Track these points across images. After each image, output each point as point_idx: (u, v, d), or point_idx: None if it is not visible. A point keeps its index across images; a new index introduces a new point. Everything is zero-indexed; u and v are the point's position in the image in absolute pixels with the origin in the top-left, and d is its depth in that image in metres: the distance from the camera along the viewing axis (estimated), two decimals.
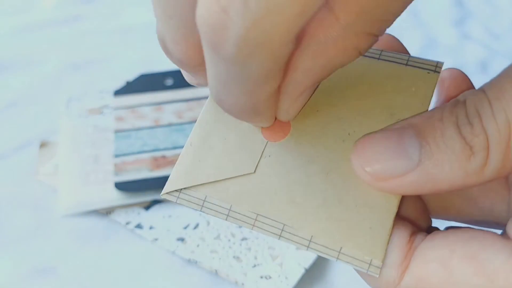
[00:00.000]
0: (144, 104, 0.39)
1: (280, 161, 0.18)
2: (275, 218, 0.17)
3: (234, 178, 0.18)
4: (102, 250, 0.30)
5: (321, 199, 0.17)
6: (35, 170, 0.35)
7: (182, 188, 0.19)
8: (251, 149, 0.18)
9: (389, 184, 0.16)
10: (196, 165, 0.19)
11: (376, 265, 0.16)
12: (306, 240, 0.17)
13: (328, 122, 0.18)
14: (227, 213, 0.17)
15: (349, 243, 0.16)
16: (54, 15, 0.53)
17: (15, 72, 0.45)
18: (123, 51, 0.48)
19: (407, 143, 0.16)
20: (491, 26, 0.53)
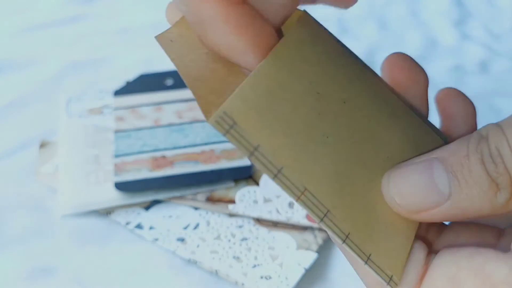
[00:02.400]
0: (144, 104, 0.39)
1: (336, 149, 0.17)
2: (321, 201, 0.17)
3: (292, 141, 0.17)
4: (102, 250, 0.30)
5: (363, 203, 0.17)
6: (35, 170, 0.35)
7: (236, 123, 0.16)
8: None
9: (420, 216, 0.17)
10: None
11: (395, 281, 0.17)
12: (344, 234, 0.17)
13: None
14: (276, 173, 0.16)
15: (377, 252, 0.17)
16: (54, 15, 0.53)
17: (15, 72, 0.45)
18: (123, 51, 0.48)
19: (436, 177, 0.17)
20: (491, 26, 0.53)
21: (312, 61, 0.18)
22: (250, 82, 0.17)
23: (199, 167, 0.33)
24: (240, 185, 0.33)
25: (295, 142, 0.17)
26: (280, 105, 0.17)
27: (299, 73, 0.18)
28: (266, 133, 0.16)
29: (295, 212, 0.31)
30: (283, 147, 0.16)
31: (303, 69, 0.18)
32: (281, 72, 0.17)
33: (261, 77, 0.17)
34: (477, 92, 0.43)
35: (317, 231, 0.30)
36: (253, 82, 0.17)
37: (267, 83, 0.17)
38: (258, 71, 0.17)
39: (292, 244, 0.29)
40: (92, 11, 0.54)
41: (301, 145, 0.17)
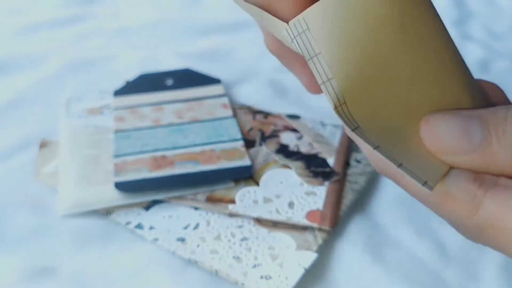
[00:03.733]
0: (144, 104, 0.39)
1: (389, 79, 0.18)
2: (355, 117, 0.18)
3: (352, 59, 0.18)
4: (102, 250, 0.30)
5: (398, 129, 0.19)
6: (35, 170, 0.35)
7: (309, 28, 0.18)
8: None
9: (448, 157, 0.19)
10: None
11: (430, 185, 0.18)
12: (374, 144, 0.18)
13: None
14: (325, 80, 0.18)
15: (410, 164, 0.18)
16: (55, 15, 0.53)
17: (15, 72, 0.45)
18: (123, 51, 0.48)
19: (472, 128, 0.19)
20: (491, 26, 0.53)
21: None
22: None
23: (199, 167, 0.33)
24: (240, 185, 0.33)
25: (354, 61, 0.18)
26: (355, 23, 0.17)
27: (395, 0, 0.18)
28: (331, 44, 0.17)
29: (295, 212, 0.31)
30: (340, 61, 0.17)
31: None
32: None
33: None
34: None
35: (317, 231, 0.30)
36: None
37: (353, 0, 0.18)
38: None
39: (292, 244, 0.29)
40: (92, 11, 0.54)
41: (358, 66, 0.18)
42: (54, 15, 0.53)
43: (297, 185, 0.33)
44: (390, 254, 0.30)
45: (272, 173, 0.34)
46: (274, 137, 0.36)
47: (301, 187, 0.33)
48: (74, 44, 0.49)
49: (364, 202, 0.33)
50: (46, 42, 0.49)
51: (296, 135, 0.36)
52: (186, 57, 0.46)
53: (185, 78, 0.42)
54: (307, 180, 0.33)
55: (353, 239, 0.31)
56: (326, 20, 0.17)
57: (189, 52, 0.47)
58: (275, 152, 0.35)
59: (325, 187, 0.33)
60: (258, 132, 0.37)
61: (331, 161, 0.34)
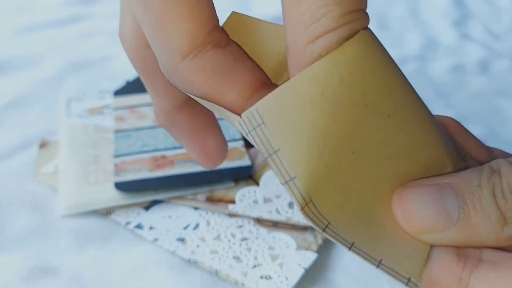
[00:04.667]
0: (144, 104, 0.39)
1: (355, 165, 0.17)
2: (323, 214, 0.17)
3: (314, 153, 0.16)
4: (102, 250, 0.30)
5: (371, 218, 0.17)
6: (35, 170, 0.35)
7: (264, 123, 0.16)
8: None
9: (426, 237, 0.18)
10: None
11: (414, 282, 0.17)
12: (349, 243, 0.17)
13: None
14: (288, 180, 0.17)
15: (389, 258, 0.17)
16: (55, 15, 0.53)
17: (15, 72, 0.45)
18: (123, 51, 0.48)
19: (446, 201, 0.17)
20: (491, 26, 0.53)
21: (370, 70, 0.17)
22: (292, 84, 0.16)
23: (199, 167, 0.33)
24: (240, 185, 0.33)
25: (316, 155, 0.16)
26: (316, 113, 0.16)
27: (353, 82, 0.16)
28: (290, 139, 0.16)
29: (295, 212, 0.31)
30: (303, 157, 0.16)
31: (359, 78, 0.16)
32: (332, 79, 0.16)
33: (305, 81, 0.16)
34: (477, 92, 0.43)
35: (317, 231, 0.30)
36: (295, 85, 0.16)
37: (310, 88, 0.16)
38: (304, 74, 0.16)
39: (292, 244, 0.29)
40: (92, 11, 0.54)
41: (321, 159, 0.16)
42: (54, 15, 0.53)
43: None
44: None
45: (272, 173, 0.34)
46: None
47: None
48: (74, 44, 0.49)
49: None
50: (46, 42, 0.49)
51: None
52: None
53: None
54: None
55: None
56: (282, 112, 0.16)
57: None
58: None
59: None
60: None
61: None
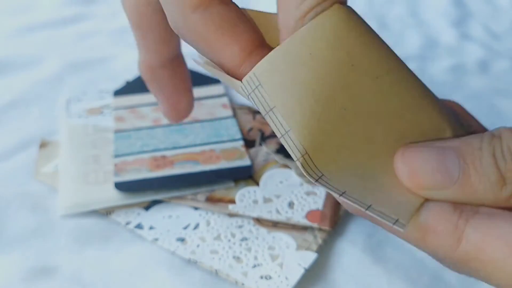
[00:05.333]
0: (144, 104, 0.39)
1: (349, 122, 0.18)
2: (318, 166, 0.18)
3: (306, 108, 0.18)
4: (102, 250, 0.30)
5: (365, 171, 0.18)
6: (35, 170, 0.35)
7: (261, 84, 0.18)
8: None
9: (426, 192, 0.19)
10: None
11: (402, 223, 0.18)
12: (340, 191, 0.18)
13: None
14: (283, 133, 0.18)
15: (379, 204, 0.18)
16: (54, 15, 0.53)
17: (15, 72, 0.45)
18: (123, 51, 0.48)
19: (448, 161, 0.18)
20: (491, 26, 0.53)
21: (355, 33, 0.18)
22: (283, 47, 0.18)
23: (199, 167, 0.33)
24: (240, 185, 0.33)
25: (308, 111, 0.18)
26: (306, 72, 0.17)
27: (338, 43, 0.18)
28: (284, 97, 0.17)
29: (295, 212, 0.31)
30: (296, 112, 0.17)
31: (345, 39, 0.18)
32: (318, 40, 0.18)
33: (295, 43, 0.18)
34: (477, 92, 0.43)
35: (317, 231, 0.30)
36: (286, 48, 0.18)
37: (299, 50, 0.18)
38: (293, 37, 0.18)
39: (292, 244, 0.29)
40: (92, 11, 0.54)
41: (313, 114, 0.18)
42: (54, 15, 0.53)
43: (297, 185, 0.33)
44: (390, 254, 0.30)
45: (272, 173, 0.34)
46: (274, 137, 0.36)
47: (301, 187, 0.33)
48: (74, 44, 0.49)
49: None
50: (46, 42, 0.49)
51: None
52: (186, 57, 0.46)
53: None
54: (307, 180, 0.33)
55: (353, 239, 0.31)
56: (275, 73, 0.18)
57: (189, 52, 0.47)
58: (275, 152, 0.35)
59: None
60: (258, 132, 0.37)
61: None
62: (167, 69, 0.27)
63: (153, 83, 0.28)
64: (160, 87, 0.28)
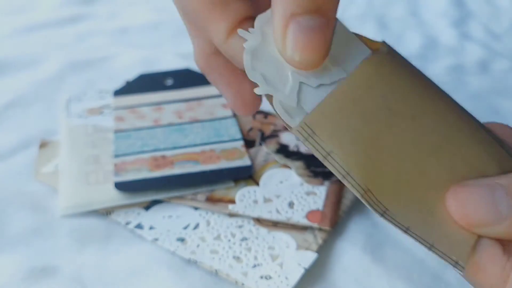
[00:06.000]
0: (144, 104, 0.39)
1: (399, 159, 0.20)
2: (381, 201, 0.19)
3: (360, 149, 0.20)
4: (102, 250, 0.30)
5: (422, 206, 0.20)
6: (35, 170, 0.35)
7: (314, 133, 0.20)
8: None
9: (477, 229, 0.19)
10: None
11: (462, 265, 0.19)
12: (404, 227, 0.19)
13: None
14: (345, 175, 0.19)
15: (440, 242, 0.19)
16: (54, 15, 0.53)
17: (15, 72, 0.45)
18: (123, 51, 0.48)
19: (498, 199, 0.19)
20: (491, 26, 0.53)
21: (388, 80, 0.21)
22: (329, 99, 0.20)
23: (199, 167, 0.33)
24: (240, 185, 0.33)
25: (362, 150, 0.20)
26: (352, 118, 0.20)
27: (375, 90, 0.20)
28: (338, 142, 0.19)
29: (295, 212, 0.31)
30: (352, 154, 0.19)
31: (379, 86, 0.20)
32: (357, 89, 0.20)
33: (338, 94, 0.20)
34: (477, 92, 0.43)
35: (317, 231, 0.30)
36: (331, 99, 0.20)
37: (343, 99, 0.20)
38: (337, 89, 0.20)
39: (292, 244, 0.29)
40: (92, 11, 0.54)
41: (367, 153, 0.20)
42: (54, 15, 0.53)
43: (297, 185, 0.33)
44: (390, 254, 0.30)
45: (272, 173, 0.34)
46: (274, 137, 0.36)
47: (301, 187, 0.33)
48: (74, 44, 0.49)
49: None
50: (46, 42, 0.49)
51: None
52: (186, 57, 0.46)
53: (185, 78, 0.42)
54: (307, 180, 0.33)
55: (353, 239, 0.31)
56: (326, 121, 0.20)
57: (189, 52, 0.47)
58: (275, 152, 0.35)
59: (325, 187, 0.33)
60: (258, 132, 0.37)
61: None
62: (223, 56, 0.26)
63: (211, 73, 0.27)
64: (220, 76, 0.27)
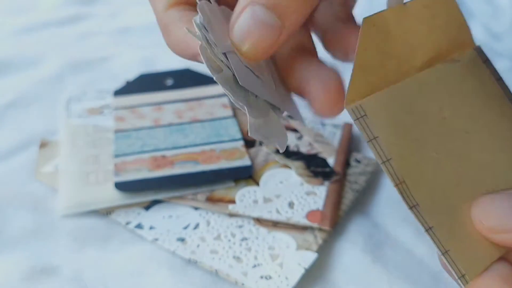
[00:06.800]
0: (144, 104, 0.39)
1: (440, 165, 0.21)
2: (412, 193, 0.20)
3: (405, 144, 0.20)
4: (102, 250, 0.30)
5: (451, 212, 0.20)
6: (35, 170, 0.35)
7: (367, 115, 0.20)
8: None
9: (497, 236, 0.20)
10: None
11: (466, 279, 0.20)
12: (427, 225, 0.20)
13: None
14: (385, 160, 0.20)
15: (456, 253, 0.20)
16: (55, 15, 0.53)
17: (15, 72, 0.45)
18: (123, 51, 0.48)
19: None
20: (491, 26, 0.53)
21: (455, 90, 0.22)
22: (389, 92, 0.21)
23: (199, 167, 0.33)
24: (240, 185, 0.33)
25: (407, 146, 0.21)
26: (405, 114, 0.21)
27: (434, 97, 0.22)
28: (386, 131, 0.20)
29: (295, 212, 0.31)
30: (396, 145, 0.20)
31: (438, 96, 0.22)
32: (417, 92, 0.21)
33: (399, 91, 0.21)
34: None
35: (317, 231, 0.30)
36: (392, 93, 0.21)
37: (402, 96, 0.21)
38: (400, 86, 0.21)
39: (292, 244, 0.29)
40: (92, 11, 0.54)
41: (410, 150, 0.21)
42: (54, 15, 0.53)
43: (297, 185, 0.33)
44: (390, 254, 0.30)
45: (272, 173, 0.34)
46: None
47: (301, 187, 0.33)
48: (74, 44, 0.49)
49: (364, 202, 0.33)
50: (46, 42, 0.49)
51: (296, 135, 0.36)
52: None
53: (185, 78, 0.41)
54: (307, 180, 0.33)
55: (353, 239, 0.31)
56: (380, 110, 0.21)
57: None
58: (275, 152, 0.35)
59: (325, 187, 0.33)
60: None
61: (331, 161, 0.34)
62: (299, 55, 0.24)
63: (290, 75, 0.24)
64: (300, 74, 0.24)
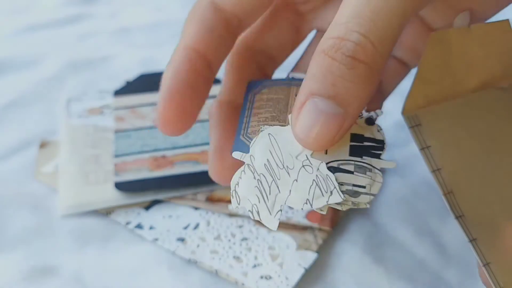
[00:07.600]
0: (144, 104, 0.39)
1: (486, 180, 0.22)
2: (459, 204, 0.21)
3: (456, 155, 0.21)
4: (102, 250, 0.30)
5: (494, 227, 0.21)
6: (35, 170, 0.35)
7: (421, 125, 0.21)
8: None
9: None
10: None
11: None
12: (471, 236, 0.21)
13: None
14: (435, 169, 0.21)
15: (497, 266, 0.21)
16: (55, 15, 0.53)
17: (15, 72, 0.45)
18: (123, 51, 0.48)
19: None
20: None
21: (502, 115, 0.22)
22: (444, 107, 0.22)
23: (199, 167, 0.33)
24: None
25: (457, 158, 0.21)
26: (457, 130, 0.21)
27: (485, 117, 0.22)
28: (438, 142, 0.21)
29: (295, 212, 0.31)
30: (446, 157, 0.21)
31: (490, 116, 0.22)
32: (469, 111, 0.22)
33: (453, 108, 0.22)
34: None
35: (317, 231, 0.30)
36: (446, 108, 0.22)
37: (456, 113, 0.22)
38: (454, 103, 0.22)
39: (292, 244, 0.29)
40: (92, 11, 0.54)
41: (460, 163, 0.21)
42: (54, 15, 0.53)
43: None
44: (390, 254, 0.30)
45: None
46: None
47: None
48: (74, 44, 0.49)
49: None
50: (46, 42, 0.49)
51: None
52: None
53: None
54: None
55: (353, 239, 0.31)
56: (435, 121, 0.21)
57: None
58: None
59: None
60: None
61: None
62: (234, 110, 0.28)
63: (213, 118, 0.28)
64: (217, 124, 0.28)
